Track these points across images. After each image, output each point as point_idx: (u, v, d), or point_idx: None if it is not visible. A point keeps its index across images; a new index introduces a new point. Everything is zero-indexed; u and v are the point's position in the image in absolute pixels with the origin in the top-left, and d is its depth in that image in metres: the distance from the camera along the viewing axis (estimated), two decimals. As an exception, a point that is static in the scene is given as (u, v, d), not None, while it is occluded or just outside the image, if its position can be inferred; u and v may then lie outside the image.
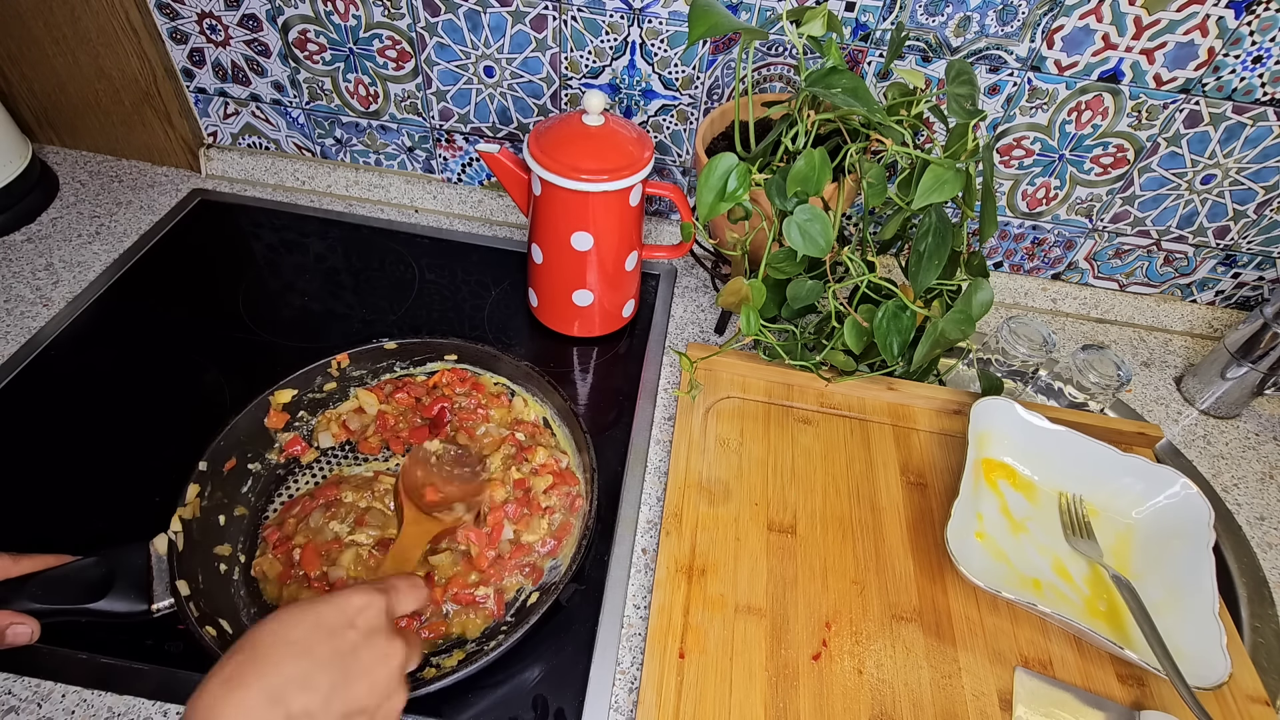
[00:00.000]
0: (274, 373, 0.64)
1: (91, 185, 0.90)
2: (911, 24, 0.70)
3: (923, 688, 0.53)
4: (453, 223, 0.92)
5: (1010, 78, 0.73)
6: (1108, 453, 0.64)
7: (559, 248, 0.70)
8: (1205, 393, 0.80)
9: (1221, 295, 0.89)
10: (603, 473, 0.64)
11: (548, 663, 0.54)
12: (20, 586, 0.45)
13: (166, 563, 0.51)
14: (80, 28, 0.81)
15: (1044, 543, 0.62)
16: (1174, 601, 0.56)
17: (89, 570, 0.48)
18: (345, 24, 0.79)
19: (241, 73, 0.86)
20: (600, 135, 0.66)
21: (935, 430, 0.70)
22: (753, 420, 0.69)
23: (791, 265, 0.63)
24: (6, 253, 0.80)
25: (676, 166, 0.87)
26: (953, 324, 0.61)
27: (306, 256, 0.86)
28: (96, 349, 0.72)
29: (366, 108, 0.87)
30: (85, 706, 0.50)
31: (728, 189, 0.57)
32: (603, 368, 0.77)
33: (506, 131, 0.86)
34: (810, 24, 0.57)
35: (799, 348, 0.70)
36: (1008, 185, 0.82)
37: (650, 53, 0.76)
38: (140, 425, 0.66)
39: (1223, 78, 0.70)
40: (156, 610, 0.49)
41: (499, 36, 0.77)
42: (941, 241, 0.59)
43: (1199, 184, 0.78)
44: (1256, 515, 0.71)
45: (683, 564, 0.58)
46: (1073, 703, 0.53)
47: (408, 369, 0.70)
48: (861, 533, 0.62)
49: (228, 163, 0.93)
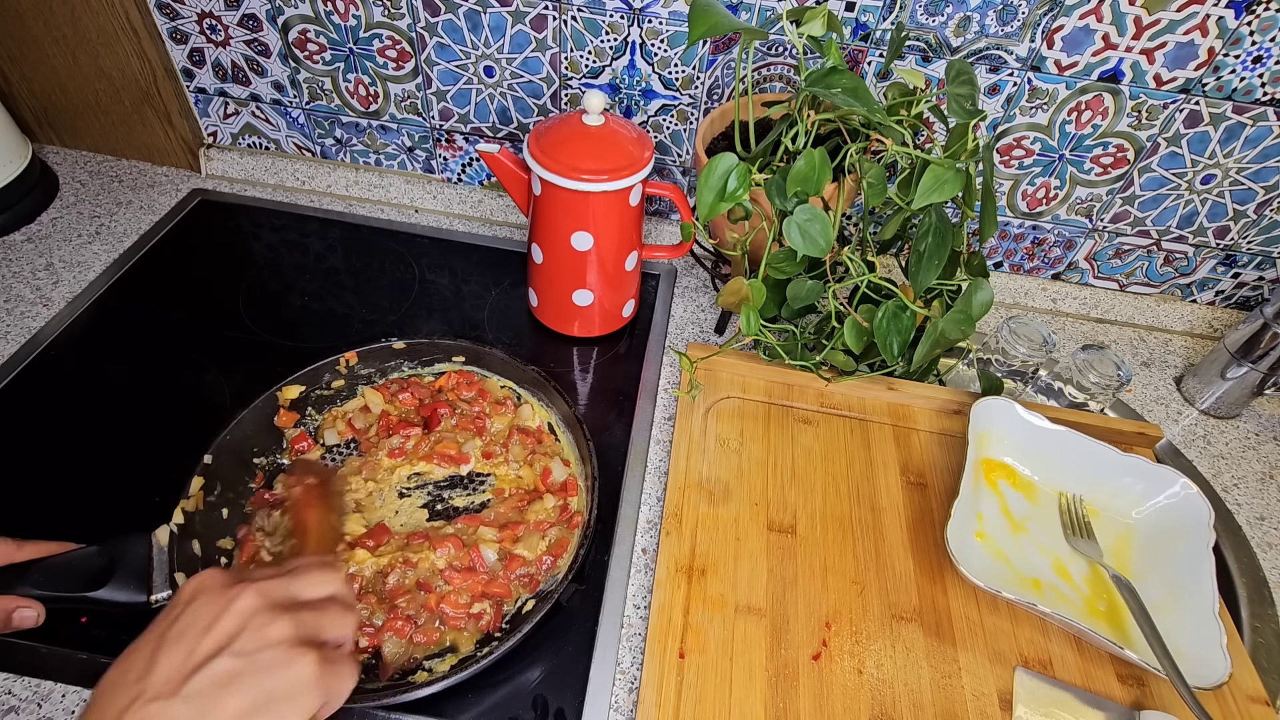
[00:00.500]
0: (274, 372, 0.64)
1: (91, 185, 0.90)
2: (911, 24, 0.70)
3: (923, 688, 0.53)
4: (453, 223, 0.92)
5: (1010, 78, 0.73)
6: (1108, 453, 0.64)
7: (559, 248, 0.70)
8: (1205, 393, 0.80)
9: (1221, 295, 0.89)
10: (603, 473, 0.64)
11: (548, 663, 0.54)
12: (22, 573, 0.45)
13: (167, 554, 0.51)
14: (80, 28, 0.81)
15: (1044, 543, 0.62)
16: (1174, 601, 0.56)
17: (91, 559, 0.48)
18: (345, 24, 0.79)
19: (241, 73, 0.86)
20: (600, 135, 0.66)
21: (935, 430, 0.70)
22: (753, 420, 0.69)
23: (791, 265, 0.63)
24: (6, 253, 0.80)
25: (676, 166, 0.87)
26: (953, 324, 0.61)
27: (306, 256, 0.86)
28: (96, 349, 0.72)
29: (366, 108, 0.87)
30: (85, 706, 0.49)
31: (728, 189, 0.57)
32: (603, 368, 0.77)
33: (506, 131, 0.86)
34: (810, 24, 0.57)
35: (799, 348, 0.70)
36: (1008, 185, 0.82)
37: (650, 53, 0.76)
38: (140, 425, 0.66)
39: (1223, 78, 0.70)
40: (156, 602, 0.49)
41: (499, 36, 0.77)
42: (941, 241, 0.59)
43: (1199, 184, 0.78)
44: (1256, 515, 0.71)
45: (683, 564, 0.58)
46: (1073, 703, 0.53)
47: (415, 369, 0.70)
48: (861, 533, 0.62)
49: (228, 163, 0.93)
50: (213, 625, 0.34)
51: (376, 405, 0.67)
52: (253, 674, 0.33)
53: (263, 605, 0.35)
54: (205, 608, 0.35)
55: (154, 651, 0.33)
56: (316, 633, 0.36)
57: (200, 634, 0.34)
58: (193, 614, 0.35)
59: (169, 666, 0.33)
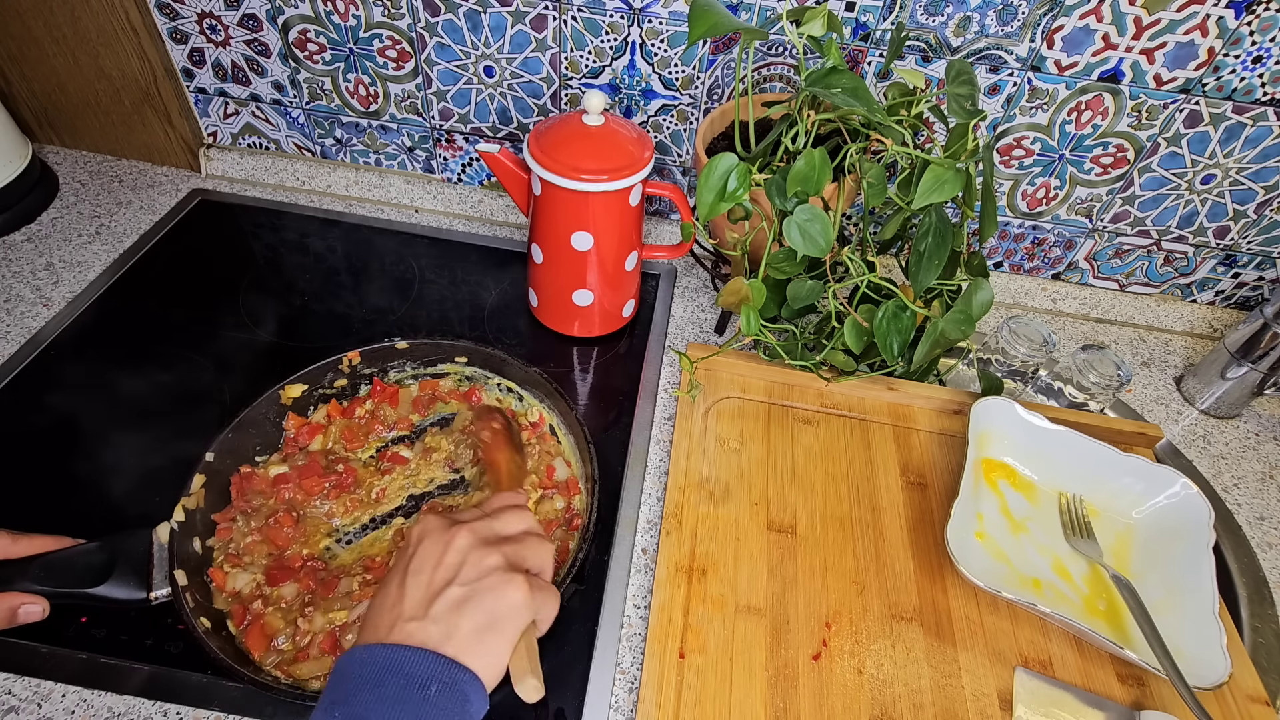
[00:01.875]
0: (274, 372, 0.64)
1: (91, 185, 0.90)
2: (911, 24, 0.70)
3: (923, 688, 0.53)
4: (453, 223, 0.92)
5: (1010, 78, 0.73)
6: (1108, 453, 0.64)
7: (559, 248, 0.70)
8: (1205, 393, 0.80)
9: (1221, 295, 0.89)
10: (603, 473, 0.64)
11: (548, 663, 0.54)
12: (23, 568, 0.45)
13: (167, 551, 0.51)
14: (80, 28, 0.81)
15: (1044, 543, 0.62)
16: (1174, 601, 0.56)
17: (91, 555, 0.48)
18: (345, 24, 0.79)
19: (241, 73, 0.86)
20: (600, 135, 0.66)
21: (935, 430, 0.70)
22: (753, 420, 0.69)
23: (791, 265, 0.63)
24: (6, 253, 0.80)
25: (676, 166, 0.87)
26: (953, 324, 0.61)
27: (306, 256, 0.86)
28: (96, 349, 0.72)
29: (366, 108, 0.87)
30: (85, 706, 0.49)
31: (728, 189, 0.56)
32: (603, 368, 0.77)
33: (506, 131, 0.86)
34: (810, 24, 0.57)
35: (799, 348, 0.70)
36: (1008, 185, 0.82)
37: (650, 53, 0.76)
38: (140, 425, 0.66)
39: (1223, 78, 0.70)
40: (155, 598, 0.49)
41: (499, 36, 0.77)
42: (941, 241, 0.59)
43: (1199, 184, 0.78)
44: (1256, 515, 0.71)
45: (683, 564, 0.58)
46: (1073, 703, 0.53)
47: (417, 369, 0.70)
48: (861, 533, 0.62)
49: (228, 163, 0.93)
50: (441, 560, 0.41)
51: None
52: (478, 596, 0.40)
53: (476, 541, 0.42)
54: (432, 547, 0.42)
55: (400, 585, 0.41)
56: (520, 561, 0.43)
57: (433, 568, 0.41)
58: (424, 553, 0.42)
59: (414, 596, 0.40)
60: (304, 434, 0.63)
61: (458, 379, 0.70)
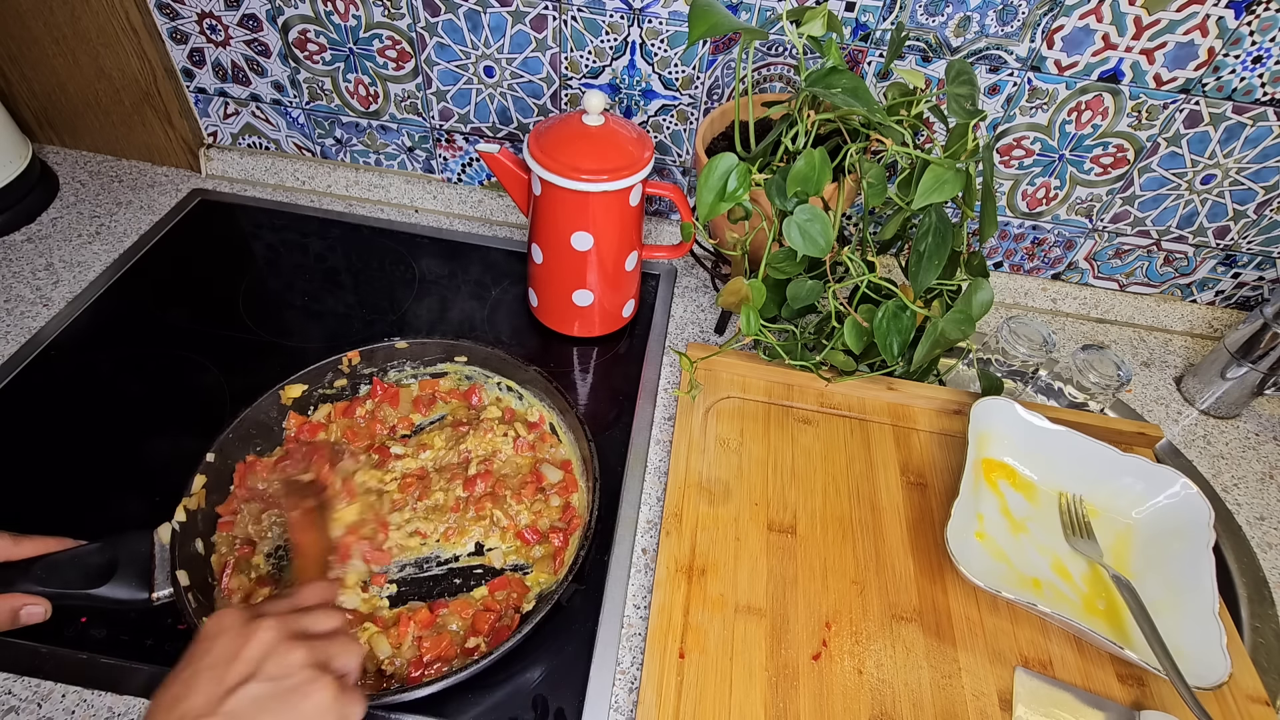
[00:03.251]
0: (274, 372, 0.64)
1: (91, 185, 0.90)
2: (911, 24, 0.70)
3: (923, 688, 0.53)
4: (453, 223, 0.92)
5: (1010, 78, 0.73)
6: (1108, 453, 0.64)
7: (559, 248, 0.70)
8: (1205, 393, 0.80)
9: (1221, 295, 0.89)
10: (603, 473, 0.64)
11: (548, 663, 0.54)
12: (25, 570, 0.45)
13: (169, 551, 0.51)
14: (80, 28, 0.81)
15: (1044, 543, 0.62)
16: (1174, 601, 0.56)
17: (93, 555, 0.48)
18: (345, 24, 0.79)
19: (241, 73, 0.86)
20: (600, 135, 0.66)
21: (935, 430, 0.70)
22: (753, 420, 0.69)
23: (791, 265, 0.63)
24: (6, 253, 0.80)
25: (676, 166, 0.87)
26: (953, 324, 0.61)
27: (306, 256, 0.86)
28: (96, 349, 0.72)
29: (366, 108, 0.87)
30: (85, 706, 0.50)
31: (728, 189, 0.56)
32: (603, 368, 0.77)
33: (506, 131, 0.86)
34: (810, 24, 0.57)
35: (799, 348, 0.70)
36: (1008, 185, 0.82)
37: (650, 53, 0.76)
38: (139, 425, 0.66)
39: (1223, 78, 0.70)
40: (157, 599, 0.49)
41: (499, 36, 0.77)
42: (941, 241, 0.59)
43: (1199, 184, 0.78)
44: (1256, 515, 0.71)
45: (683, 564, 0.58)
46: (1073, 703, 0.53)
47: (417, 369, 0.70)
48: (861, 533, 0.62)
49: (228, 163, 0.93)
50: (239, 654, 0.37)
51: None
52: (280, 695, 0.37)
53: (282, 635, 0.39)
54: (232, 640, 0.38)
55: (190, 679, 0.37)
56: (329, 661, 0.40)
57: (228, 662, 0.37)
58: (221, 647, 0.38)
59: (206, 691, 0.36)
60: (304, 433, 0.63)
61: (458, 379, 0.70)
